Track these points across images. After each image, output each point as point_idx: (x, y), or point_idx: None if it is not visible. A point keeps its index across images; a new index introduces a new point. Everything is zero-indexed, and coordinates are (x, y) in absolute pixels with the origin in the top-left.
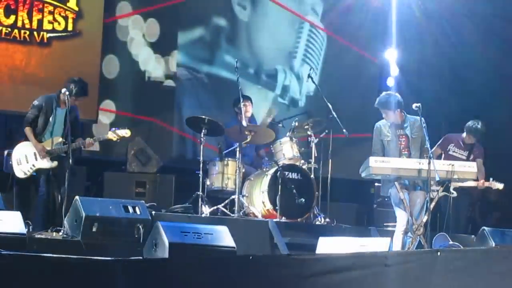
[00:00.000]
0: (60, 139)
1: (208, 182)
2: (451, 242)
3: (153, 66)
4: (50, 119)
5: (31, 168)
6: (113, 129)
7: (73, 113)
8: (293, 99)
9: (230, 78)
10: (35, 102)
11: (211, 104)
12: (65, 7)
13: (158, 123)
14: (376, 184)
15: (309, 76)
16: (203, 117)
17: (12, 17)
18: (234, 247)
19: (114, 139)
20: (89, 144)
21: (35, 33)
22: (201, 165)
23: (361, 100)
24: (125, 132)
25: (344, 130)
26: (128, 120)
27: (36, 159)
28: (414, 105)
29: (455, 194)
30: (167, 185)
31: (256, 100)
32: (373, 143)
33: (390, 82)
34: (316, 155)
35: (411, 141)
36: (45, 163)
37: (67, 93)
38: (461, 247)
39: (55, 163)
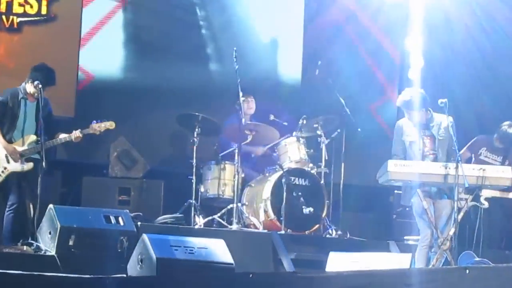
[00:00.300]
0: (34, 138)
1: (202, 189)
2: (477, 259)
3: None
4: (19, 115)
5: (2, 172)
6: (95, 121)
7: (46, 107)
8: None
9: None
10: None
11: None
12: None
13: (145, 121)
14: (396, 191)
15: (318, 68)
16: (197, 114)
17: None
18: (232, 264)
19: (97, 133)
20: (77, 137)
21: (3, 17)
22: (194, 169)
23: (378, 94)
24: (109, 124)
25: (359, 129)
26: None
27: (8, 161)
28: (439, 101)
29: (486, 205)
30: (155, 192)
31: None
32: (393, 143)
33: (412, 74)
34: (326, 157)
35: (437, 142)
36: (18, 166)
37: (39, 85)
38: (491, 264)
39: (30, 165)
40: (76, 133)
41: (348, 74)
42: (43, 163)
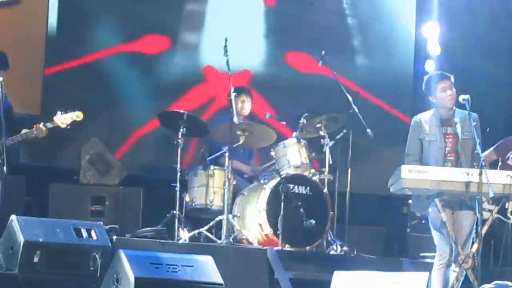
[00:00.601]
0: None
1: (187, 198)
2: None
3: None
4: None
5: None
6: (60, 112)
7: (4, 101)
8: None
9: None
10: None
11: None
12: None
13: (122, 119)
14: (410, 201)
15: (322, 58)
16: (181, 111)
17: None
18: (221, 284)
19: (63, 125)
20: (40, 131)
21: None
22: (178, 175)
23: (391, 90)
24: (76, 115)
25: (368, 130)
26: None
27: None
28: (461, 98)
29: None
30: (133, 201)
31: None
32: (408, 143)
33: (430, 65)
34: (331, 162)
35: (461, 143)
36: None
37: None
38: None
39: None
40: (39, 127)
41: (356, 65)
42: (4, 168)
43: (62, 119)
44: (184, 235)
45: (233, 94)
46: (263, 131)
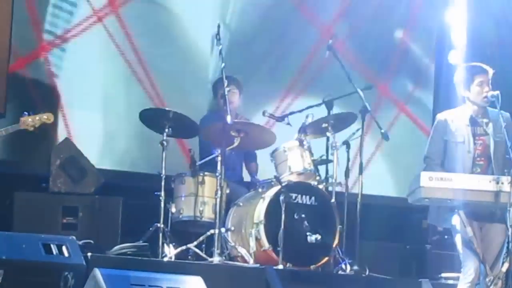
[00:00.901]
0: None
1: (173, 209)
2: None
3: None
4: None
5: None
6: (26, 113)
7: None
8: None
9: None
10: None
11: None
12: None
13: (99, 117)
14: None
15: (329, 48)
16: (167, 109)
17: None
18: None
19: (31, 128)
20: (26, 124)
21: None
22: (163, 183)
23: (410, 84)
24: (47, 117)
25: (382, 131)
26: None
27: None
28: (489, 94)
29: None
30: (111, 212)
31: None
32: (428, 143)
33: (454, 57)
34: (339, 168)
35: (494, 146)
36: None
37: None
38: None
39: None
40: (26, 120)
41: (370, 55)
42: None
43: (30, 122)
44: (169, 251)
45: (226, 89)
46: (261, 132)
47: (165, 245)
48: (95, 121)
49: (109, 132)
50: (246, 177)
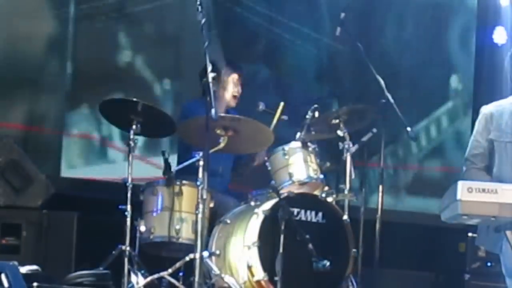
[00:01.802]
0: None
1: (142, 227)
2: None
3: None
4: None
5: None
6: None
7: None
8: None
9: None
10: None
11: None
12: None
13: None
14: (471, 235)
15: (341, 24)
16: (134, 99)
17: None
18: None
19: None
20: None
21: None
22: (129, 194)
23: (443, 71)
24: None
25: (408, 129)
26: None
27: None
28: None
29: None
30: (64, 231)
31: None
32: (470, 143)
33: (499, 36)
34: (353, 176)
35: None
36: None
37: None
38: None
39: None
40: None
41: (392, 35)
42: None
43: None
44: (137, 281)
45: (210, 75)
46: (255, 130)
47: (131, 273)
48: None
49: None
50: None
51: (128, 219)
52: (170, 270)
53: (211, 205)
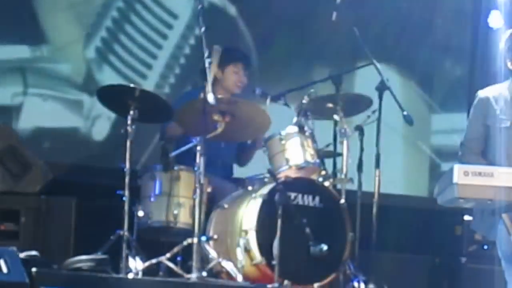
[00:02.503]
0: None
1: (140, 213)
2: None
3: None
4: None
5: None
6: None
7: None
8: None
9: None
10: None
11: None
12: None
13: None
14: (467, 217)
15: (336, 8)
16: (131, 85)
17: None
18: None
19: None
20: None
21: None
22: (126, 180)
23: (439, 53)
24: None
25: (404, 113)
26: None
27: None
28: None
29: None
30: (62, 217)
31: None
32: (467, 128)
33: (495, 20)
34: (351, 161)
35: None
36: None
37: None
38: None
39: None
40: None
41: (388, 18)
42: None
43: None
44: (135, 266)
45: (207, 60)
46: (252, 113)
47: (130, 258)
48: None
49: None
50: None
51: (126, 204)
52: (168, 255)
53: (209, 190)
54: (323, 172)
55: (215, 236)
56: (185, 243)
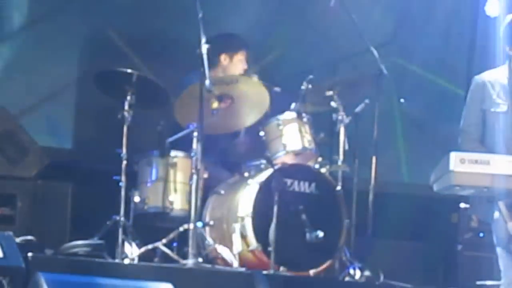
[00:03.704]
0: None
1: (137, 198)
2: None
3: None
4: None
5: None
6: None
7: None
8: None
9: None
10: None
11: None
12: None
13: (43, 81)
14: (463, 205)
15: None
16: (128, 70)
17: None
18: None
19: None
20: None
21: None
22: (123, 165)
23: (438, 41)
24: None
25: (402, 101)
26: None
27: None
28: None
29: None
30: (58, 202)
31: None
32: (464, 113)
33: (492, 8)
34: (347, 147)
35: None
36: None
37: None
38: None
39: None
40: None
41: (386, 4)
42: None
43: None
44: (131, 252)
45: (204, 47)
46: (252, 92)
47: (126, 243)
48: None
49: None
50: None
51: (123, 190)
52: (164, 241)
53: (205, 176)
54: (320, 159)
55: (211, 222)
56: (181, 228)
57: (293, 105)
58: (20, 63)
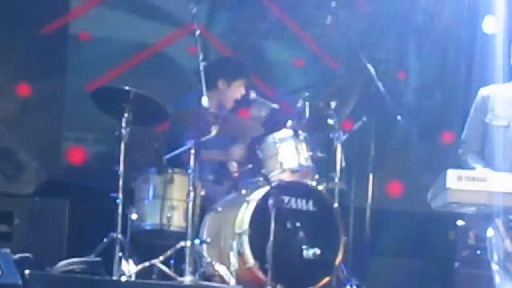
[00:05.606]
0: None
1: (134, 215)
2: None
3: None
4: None
5: None
6: None
7: None
8: None
9: None
10: None
11: None
12: None
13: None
14: (460, 222)
15: (331, 12)
16: (126, 88)
17: None
18: None
19: None
20: None
21: None
22: (120, 182)
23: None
24: None
25: (399, 118)
26: None
27: None
28: None
29: None
30: (55, 219)
31: None
32: (466, 125)
33: (489, 25)
34: (344, 164)
35: None
36: None
37: None
38: None
39: None
40: None
41: (385, 23)
42: None
43: None
44: (128, 269)
45: (202, 63)
46: (243, 123)
47: (123, 260)
48: None
49: None
50: None
51: (120, 207)
52: (161, 258)
53: (202, 193)
54: (317, 176)
55: (208, 239)
56: (178, 246)
57: (289, 123)
58: None
